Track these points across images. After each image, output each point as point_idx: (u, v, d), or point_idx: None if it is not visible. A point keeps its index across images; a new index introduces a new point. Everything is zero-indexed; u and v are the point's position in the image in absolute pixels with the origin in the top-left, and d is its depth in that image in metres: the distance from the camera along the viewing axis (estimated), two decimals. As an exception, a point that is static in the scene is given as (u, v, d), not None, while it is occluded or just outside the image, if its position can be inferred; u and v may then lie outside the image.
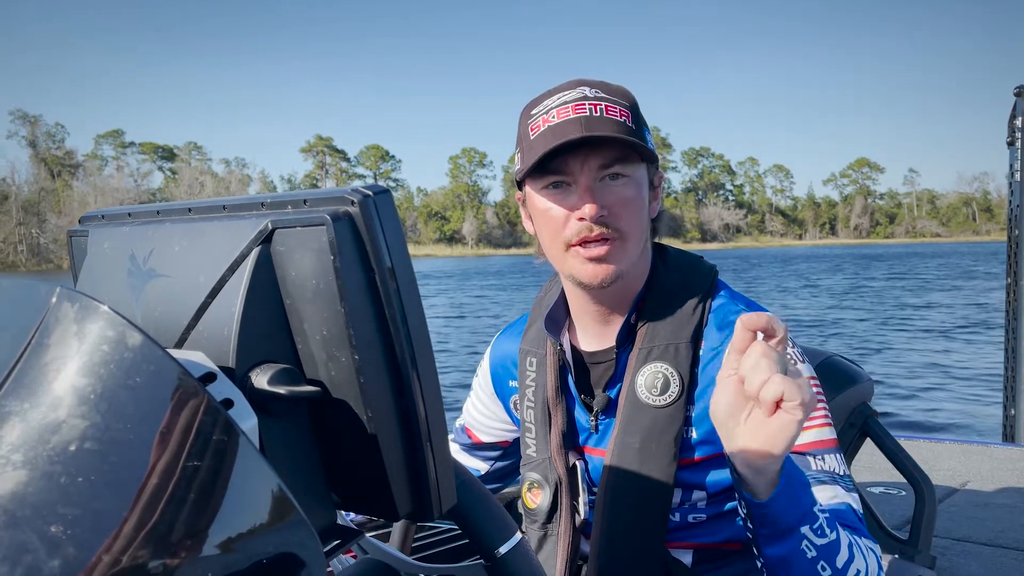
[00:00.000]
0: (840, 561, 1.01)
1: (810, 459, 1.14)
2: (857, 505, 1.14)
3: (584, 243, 1.20)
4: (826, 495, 1.12)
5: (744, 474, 0.96)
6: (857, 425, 1.77)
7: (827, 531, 1.00)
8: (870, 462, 2.96)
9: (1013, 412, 4.51)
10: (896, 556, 1.72)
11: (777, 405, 0.89)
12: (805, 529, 0.98)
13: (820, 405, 1.18)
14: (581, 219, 1.18)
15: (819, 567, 1.00)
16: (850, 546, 1.03)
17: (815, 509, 0.99)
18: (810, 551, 0.98)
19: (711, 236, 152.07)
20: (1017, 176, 4.41)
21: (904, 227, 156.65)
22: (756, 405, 0.91)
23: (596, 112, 1.18)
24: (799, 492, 0.97)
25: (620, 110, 1.19)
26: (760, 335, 0.92)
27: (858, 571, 1.03)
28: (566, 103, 1.19)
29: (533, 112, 1.23)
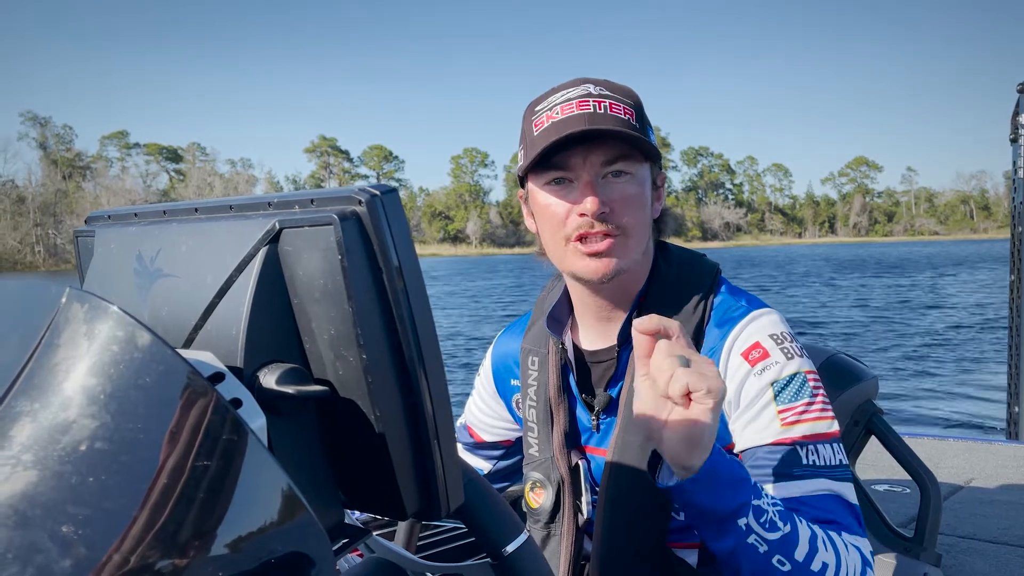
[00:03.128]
0: (800, 554, 1.01)
1: (800, 451, 1.14)
2: (848, 495, 1.13)
3: (583, 238, 1.19)
4: (808, 488, 1.11)
5: (675, 471, 1.00)
6: (861, 423, 1.76)
7: (780, 524, 1.01)
8: (875, 460, 2.95)
9: (1017, 409, 4.50)
10: (901, 554, 1.72)
11: (689, 398, 0.93)
12: (746, 522, 0.99)
13: (819, 398, 1.18)
14: (582, 215, 1.18)
15: (774, 561, 1.01)
16: (812, 539, 1.03)
17: (761, 503, 1.01)
18: (761, 545, 1.00)
19: (712, 235, 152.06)
20: (1020, 173, 4.39)
21: (903, 225, 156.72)
22: (673, 402, 0.94)
23: (600, 109, 1.17)
24: (728, 485, 0.99)
25: (624, 108, 1.19)
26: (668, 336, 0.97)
27: (824, 565, 1.02)
28: (570, 100, 1.19)
29: (537, 109, 1.23)
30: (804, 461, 1.13)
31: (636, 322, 0.97)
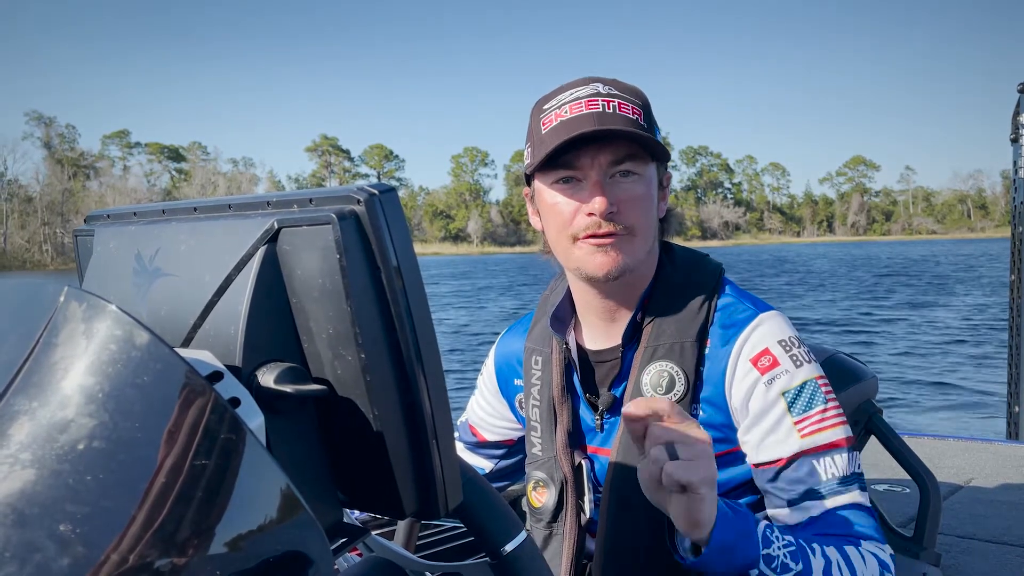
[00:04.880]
0: None
1: (818, 468, 1.17)
2: (864, 502, 1.17)
3: (591, 238, 1.20)
4: (827, 504, 1.16)
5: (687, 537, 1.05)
6: (861, 423, 1.76)
7: (792, 565, 1.06)
8: (874, 460, 2.95)
9: (1017, 409, 4.49)
10: (901, 554, 1.72)
11: (684, 486, 0.96)
12: (758, 572, 1.05)
13: (831, 404, 1.20)
14: (590, 214, 1.18)
15: None
16: (826, 568, 1.07)
17: (771, 550, 1.05)
18: None
19: (711, 234, 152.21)
20: (1021, 172, 4.39)
21: (900, 224, 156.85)
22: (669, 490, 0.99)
23: (609, 108, 1.18)
24: (738, 547, 1.03)
25: (632, 108, 1.20)
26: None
27: None
28: (579, 99, 1.20)
29: (545, 107, 1.23)
30: (823, 477, 1.17)
31: (625, 410, 1.00)
